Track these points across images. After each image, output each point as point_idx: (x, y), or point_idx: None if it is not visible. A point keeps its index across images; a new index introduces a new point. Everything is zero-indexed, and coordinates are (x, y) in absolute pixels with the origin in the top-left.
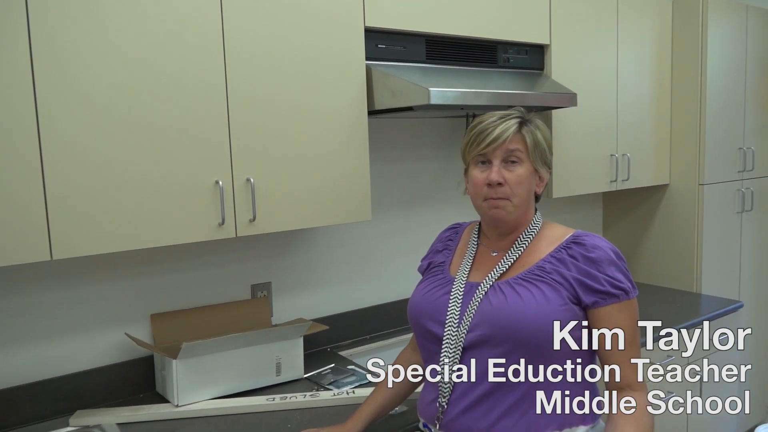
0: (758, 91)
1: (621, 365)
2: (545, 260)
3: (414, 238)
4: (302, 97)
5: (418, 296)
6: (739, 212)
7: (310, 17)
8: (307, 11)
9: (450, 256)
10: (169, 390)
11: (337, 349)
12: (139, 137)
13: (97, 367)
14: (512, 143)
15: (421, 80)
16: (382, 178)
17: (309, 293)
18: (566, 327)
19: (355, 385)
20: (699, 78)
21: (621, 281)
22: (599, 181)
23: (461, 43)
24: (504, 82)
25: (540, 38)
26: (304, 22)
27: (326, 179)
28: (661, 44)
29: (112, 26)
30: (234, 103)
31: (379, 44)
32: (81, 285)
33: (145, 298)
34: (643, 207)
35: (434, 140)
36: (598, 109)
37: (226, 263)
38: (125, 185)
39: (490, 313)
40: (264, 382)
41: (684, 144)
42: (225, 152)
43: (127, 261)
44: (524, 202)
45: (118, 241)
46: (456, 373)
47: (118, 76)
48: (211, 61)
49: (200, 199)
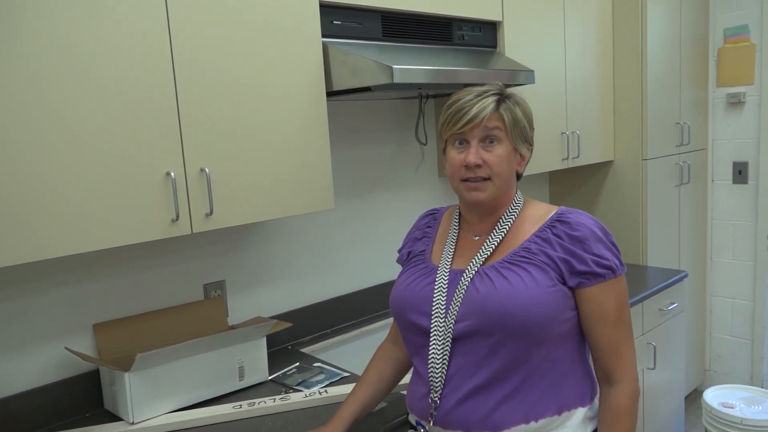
0: (692, 68)
1: (605, 352)
2: (530, 241)
3: (373, 224)
4: (257, 77)
5: (400, 288)
6: (677, 185)
7: None
8: None
9: (430, 243)
10: (122, 406)
11: (299, 346)
12: (73, 126)
13: (36, 387)
14: (490, 121)
15: (381, 58)
16: (337, 164)
17: (266, 289)
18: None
19: (326, 383)
20: (640, 56)
21: (607, 258)
22: (552, 159)
23: (417, 20)
24: (461, 60)
25: (493, 14)
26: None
27: (287, 166)
28: (603, 22)
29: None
30: (182, 85)
31: (335, 20)
32: (12, 296)
33: (85, 306)
34: (588, 184)
35: (388, 123)
36: (549, 86)
37: (174, 263)
38: (61, 182)
39: (478, 302)
40: (227, 389)
41: (627, 121)
42: (175, 139)
43: (64, 266)
44: (505, 183)
45: (58, 246)
46: (446, 367)
47: (41, 52)
48: (155, 34)
49: (150, 193)
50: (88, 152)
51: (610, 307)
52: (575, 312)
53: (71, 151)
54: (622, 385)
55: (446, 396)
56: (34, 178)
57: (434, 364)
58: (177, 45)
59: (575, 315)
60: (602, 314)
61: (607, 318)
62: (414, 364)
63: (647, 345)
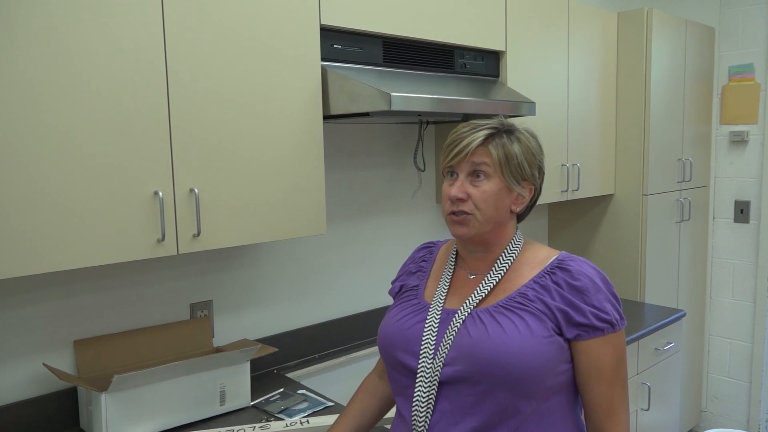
0: (695, 103)
1: (598, 411)
2: (528, 286)
3: (366, 250)
4: (253, 97)
5: (389, 324)
6: (677, 222)
7: (262, 11)
8: (259, 4)
9: (424, 278)
10: (97, 427)
11: (284, 371)
12: (60, 142)
13: (10, 403)
14: (476, 156)
15: (380, 84)
16: (331, 187)
17: (253, 311)
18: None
19: (308, 412)
20: (643, 90)
21: (607, 312)
22: (551, 191)
23: (419, 47)
24: (462, 88)
25: (496, 44)
26: (256, 15)
27: (278, 189)
28: (607, 56)
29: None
30: (176, 101)
31: (335, 44)
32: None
33: (66, 321)
34: (587, 217)
35: (385, 147)
36: (550, 118)
37: (161, 281)
38: (47, 199)
39: (469, 348)
40: (206, 414)
41: (629, 155)
42: (166, 158)
43: (46, 280)
44: (491, 221)
45: (40, 262)
46: (431, 411)
47: (35, 59)
48: (150, 52)
49: (136, 212)
50: (75, 164)
51: (606, 363)
52: (570, 365)
53: (58, 161)
54: None
55: None
56: (18, 189)
57: (419, 406)
58: (172, 58)
59: (570, 368)
60: (598, 369)
61: (602, 374)
62: (397, 404)
63: (641, 385)
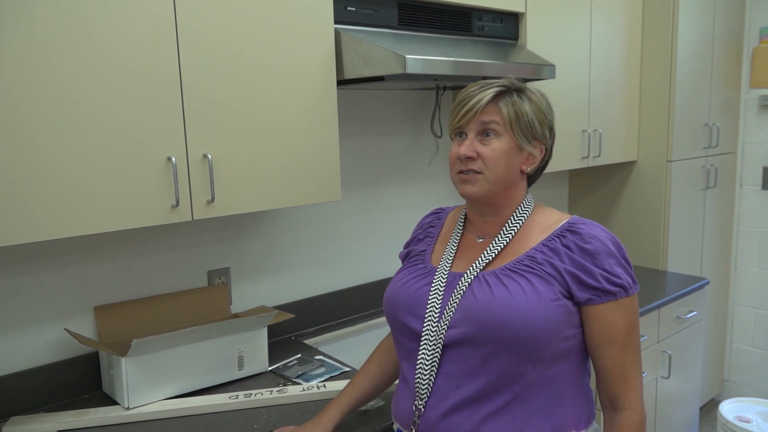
0: (724, 66)
1: (611, 376)
2: (537, 249)
3: (382, 218)
4: (265, 59)
5: (395, 287)
6: (703, 189)
7: None
8: None
9: (432, 243)
10: (118, 391)
11: (302, 338)
12: (74, 107)
13: (34, 367)
14: (486, 114)
15: (395, 47)
16: (347, 154)
17: (271, 278)
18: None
19: (325, 377)
20: (669, 52)
21: (619, 276)
22: (571, 157)
23: (435, 9)
24: (480, 51)
25: (515, 5)
26: None
27: (292, 155)
28: (632, 17)
29: None
30: (187, 65)
31: (349, 6)
32: (13, 275)
33: (87, 288)
34: (609, 184)
35: (402, 114)
36: (571, 82)
37: (179, 248)
38: (62, 164)
39: (474, 309)
40: (225, 378)
41: (653, 120)
42: (178, 123)
43: (66, 247)
44: (501, 180)
45: (57, 228)
46: (434, 374)
47: (40, 31)
48: (159, 13)
49: (150, 178)
50: (90, 129)
51: (619, 328)
52: (579, 330)
53: (73, 127)
54: (628, 412)
55: (432, 406)
56: (34, 156)
57: (422, 369)
58: (182, 26)
59: (579, 333)
60: (610, 335)
61: (615, 339)
62: (401, 368)
63: (662, 353)
